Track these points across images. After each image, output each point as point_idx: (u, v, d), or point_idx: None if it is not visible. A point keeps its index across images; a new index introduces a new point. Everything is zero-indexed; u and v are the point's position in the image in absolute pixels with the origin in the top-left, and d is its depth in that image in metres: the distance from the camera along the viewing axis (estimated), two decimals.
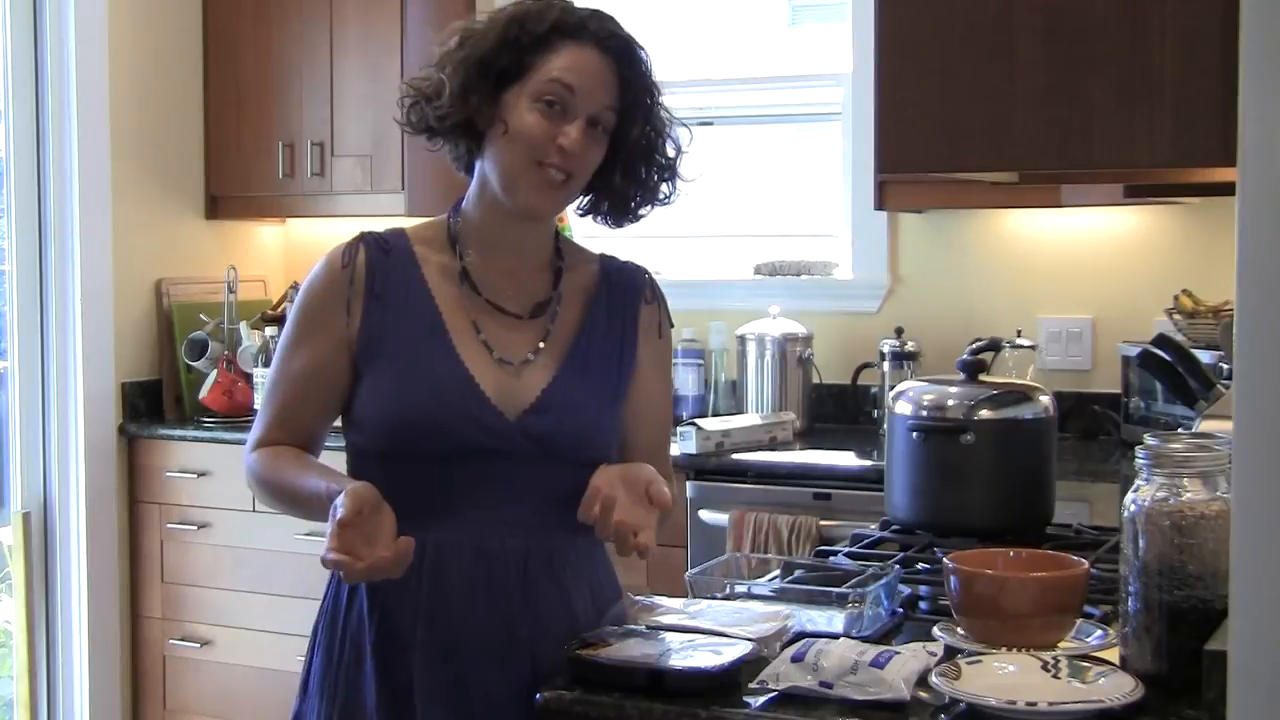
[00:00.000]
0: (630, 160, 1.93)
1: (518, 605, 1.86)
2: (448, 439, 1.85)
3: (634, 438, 1.98)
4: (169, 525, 4.15)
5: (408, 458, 1.86)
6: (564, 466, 1.88)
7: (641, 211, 2.01)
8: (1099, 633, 1.73)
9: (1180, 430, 2.42)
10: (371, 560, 1.68)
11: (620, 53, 1.88)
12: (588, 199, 1.99)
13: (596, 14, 1.90)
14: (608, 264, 2.05)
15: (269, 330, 4.19)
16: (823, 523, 3.32)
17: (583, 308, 1.98)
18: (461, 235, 1.95)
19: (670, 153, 1.98)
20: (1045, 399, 2.31)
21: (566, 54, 1.86)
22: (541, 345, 1.93)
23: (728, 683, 1.61)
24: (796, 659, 1.60)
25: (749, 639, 1.68)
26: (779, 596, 1.90)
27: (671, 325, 2.07)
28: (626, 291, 2.02)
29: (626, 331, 1.99)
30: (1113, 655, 1.65)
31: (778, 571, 2.03)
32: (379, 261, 1.91)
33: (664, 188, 1.99)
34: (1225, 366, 2.52)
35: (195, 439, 4.12)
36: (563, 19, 1.87)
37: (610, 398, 1.96)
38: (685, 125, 2.01)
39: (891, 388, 2.91)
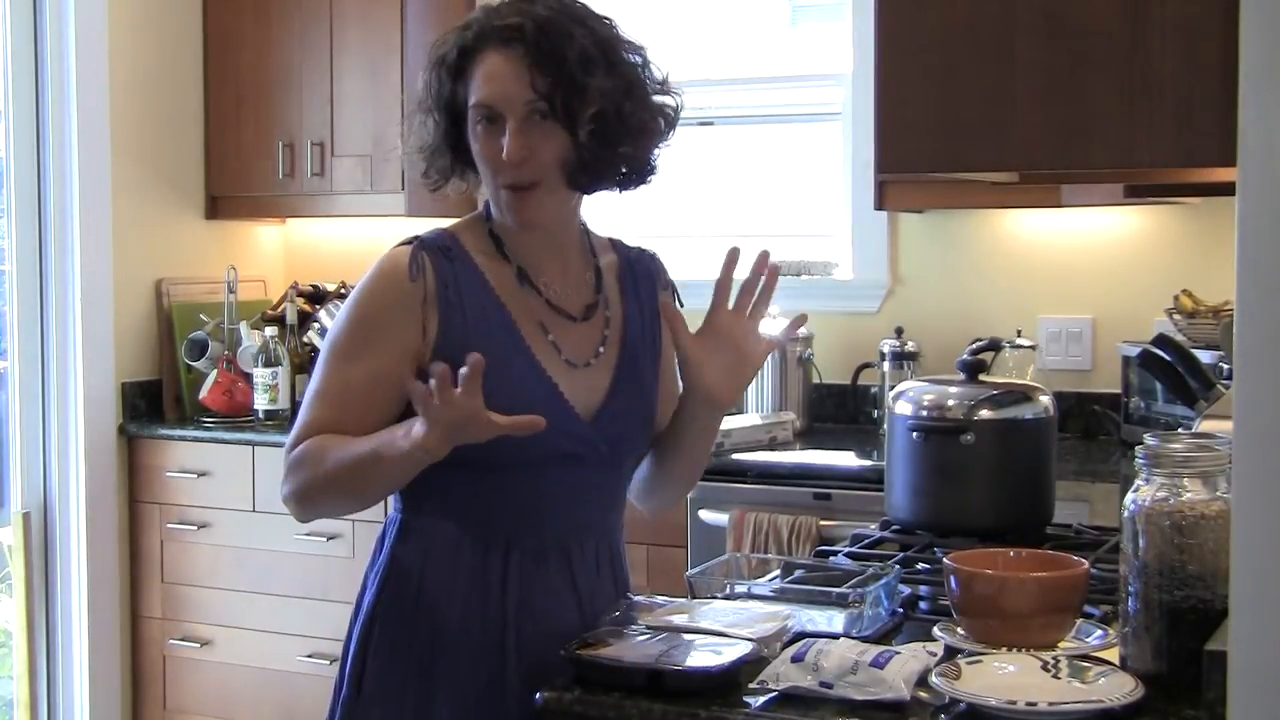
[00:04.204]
0: (577, 131, 1.82)
1: (587, 603, 1.91)
2: (536, 447, 1.81)
3: (661, 419, 2.01)
4: (169, 525, 4.15)
5: (487, 466, 1.84)
6: (620, 467, 1.97)
7: (644, 164, 1.91)
8: (1099, 633, 1.73)
9: (1180, 430, 2.42)
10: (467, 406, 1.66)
11: (518, 39, 1.82)
12: (582, 180, 1.88)
13: (493, 12, 1.85)
14: (624, 251, 2.05)
15: (269, 330, 4.19)
16: (823, 523, 3.32)
17: (621, 302, 1.99)
18: (504, 239, 1.92)
19: (616, 99, 1.83)
20: (1045, 399, 2.30)
21: (477, 73, 1.84)
22: (601, 349, 1.94)
23: (728, 683, 1.61)
24: (796, 659, 1.60)
25: (749, 639, 1.68)
26: (779, 596, 1.90)
27: (682, 306, 2.05)
28: (647, 279, 2.03)
29: (654, 321, 2.01)
30: (1113, 655, 1.65)
31: (778, 571, 2.03)
32: (446, 269, 1.86)
33: (644, 131, 1.87)
34: (1225, 366, 2.52)
35: (195, 439, 4.12)
36: (463, 42, 1.85)
37: (654, 388, 1.99)
38: (637, 46, 1.89)
39: (891, 388, 2.91)
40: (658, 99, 1.90)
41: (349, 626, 1.96)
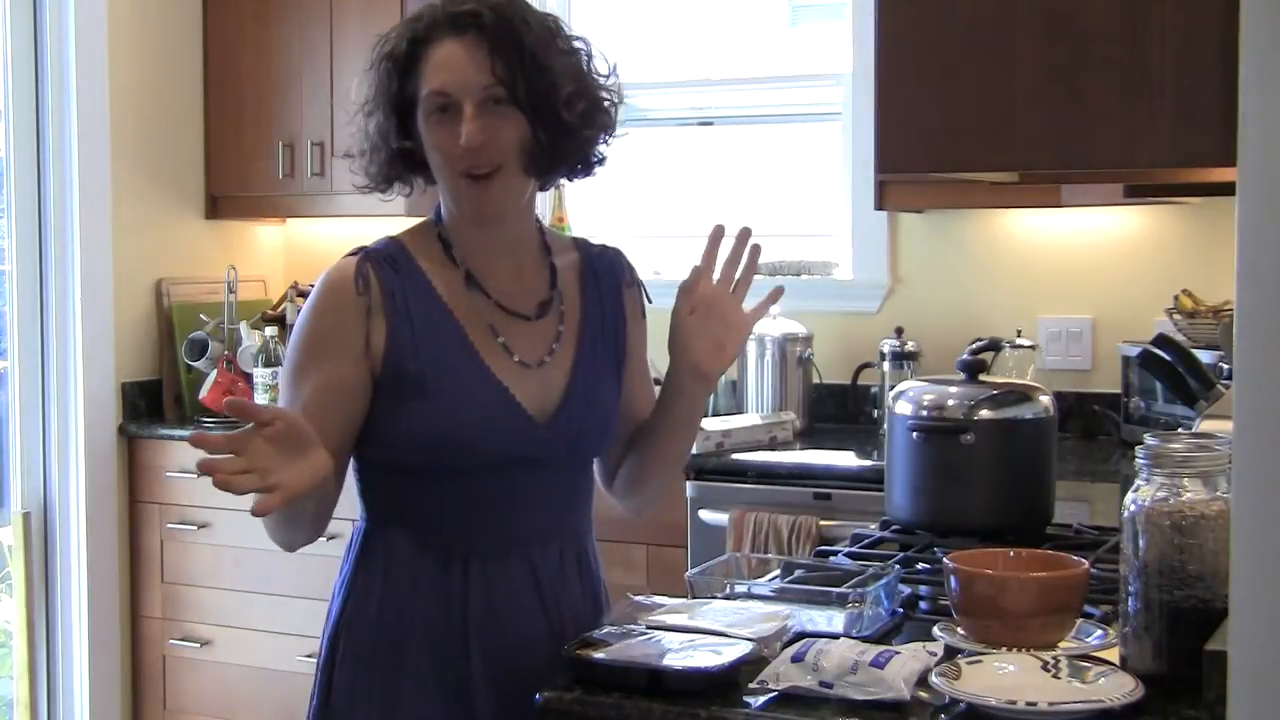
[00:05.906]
0: (539, 114, 1.82)
1: (552, 606, 1.90)
2: (489, 453, 1.83)
3: (627, 417, 2.01)
4: (169, 525, 4.15)
5: (443, 473, 1.84)
6: (583, 466, 1.96)
7: (594, 153, 1.92)
8: (1099, 633, 1.73)
9: (1180, 430, 2.42)
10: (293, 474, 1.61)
11: (474, 26, 1.82)
12: (541, 165, 1.88)
13: (443, 4, 1.85)
14: (586, 249, 2.03)
15: (269, 330, 4.19)
16: (823, 523, 3.32)
17: (579, 300, 1.98)
18: (453, 242, 1.92)
19: (573, 83, 1.85)
20: (1045, 399, 2.30)
21: (429, 61, 1.83)
22: (555, 347, 1.92)
23: (728, 683, 1.61)
24: (796, 659, 1.60)
25: (749, 639, 1.68)
26: (779, 596, 1.90)
27: (650, 302, 2.08)
28: (610, 277, 2.02)
29: (617, 317, 2.01)
30: (1113, 655, 1.64)
31: (778, 571, 2.02)
32: (392, 279, 1.86)
33: (597, 117, 1.89)
34: (1225, 366, 2.52)
35: None
36: (414, 32, 1.85)
37: (615, 386, 1.98)
38: (585, 43, 1.91)
39: (891, 388, 2.91)
40: (604, 89, 1.90)
41: (320, 637, 1.96)
